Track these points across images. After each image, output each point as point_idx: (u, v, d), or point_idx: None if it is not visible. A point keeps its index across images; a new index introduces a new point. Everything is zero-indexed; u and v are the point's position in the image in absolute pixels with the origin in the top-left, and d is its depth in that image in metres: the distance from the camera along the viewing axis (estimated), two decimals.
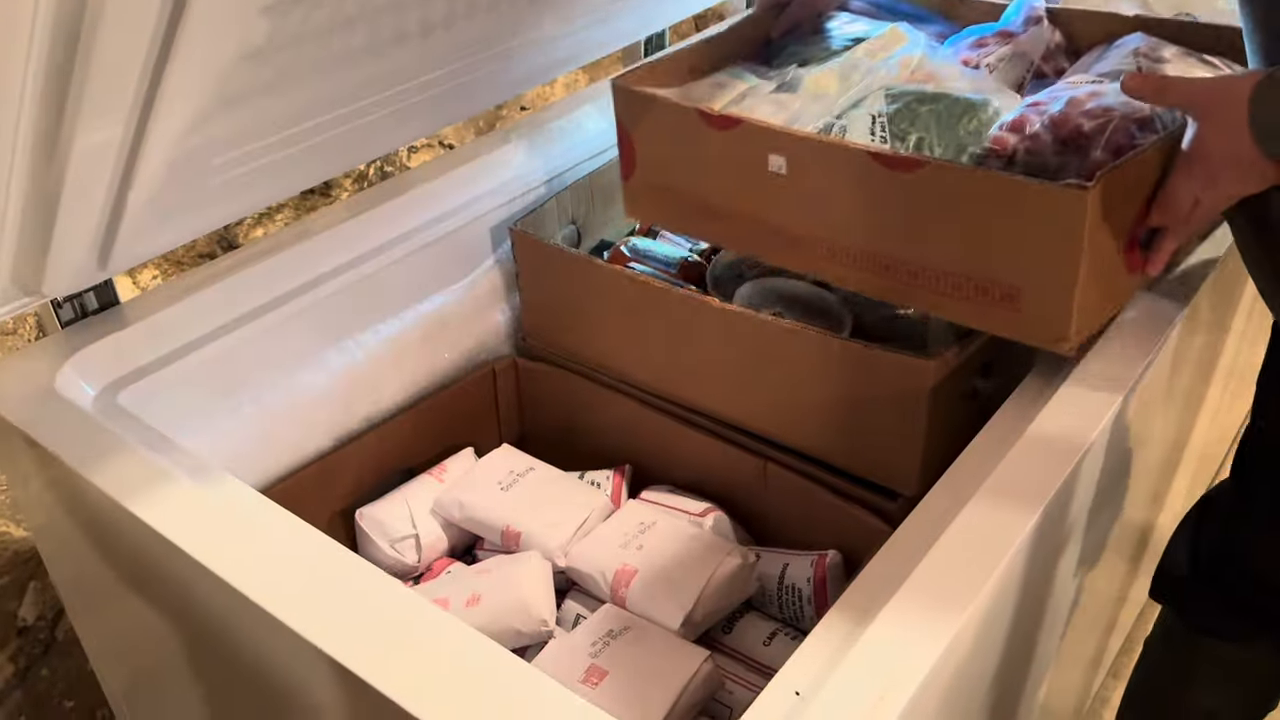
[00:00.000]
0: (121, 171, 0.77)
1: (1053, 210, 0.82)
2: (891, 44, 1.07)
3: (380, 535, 1.13)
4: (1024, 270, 0.86)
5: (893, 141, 0.96)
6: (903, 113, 0.98)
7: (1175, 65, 1.01)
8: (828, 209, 0.95)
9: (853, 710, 0.62)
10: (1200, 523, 1.05)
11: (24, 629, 1.37)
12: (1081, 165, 0.89)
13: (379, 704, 0.66)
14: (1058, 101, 0.94)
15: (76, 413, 0.91)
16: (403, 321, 1.19)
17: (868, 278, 0.95)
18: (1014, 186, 0.84)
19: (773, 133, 0.96)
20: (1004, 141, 0.93)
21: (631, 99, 1.05)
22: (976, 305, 0.89)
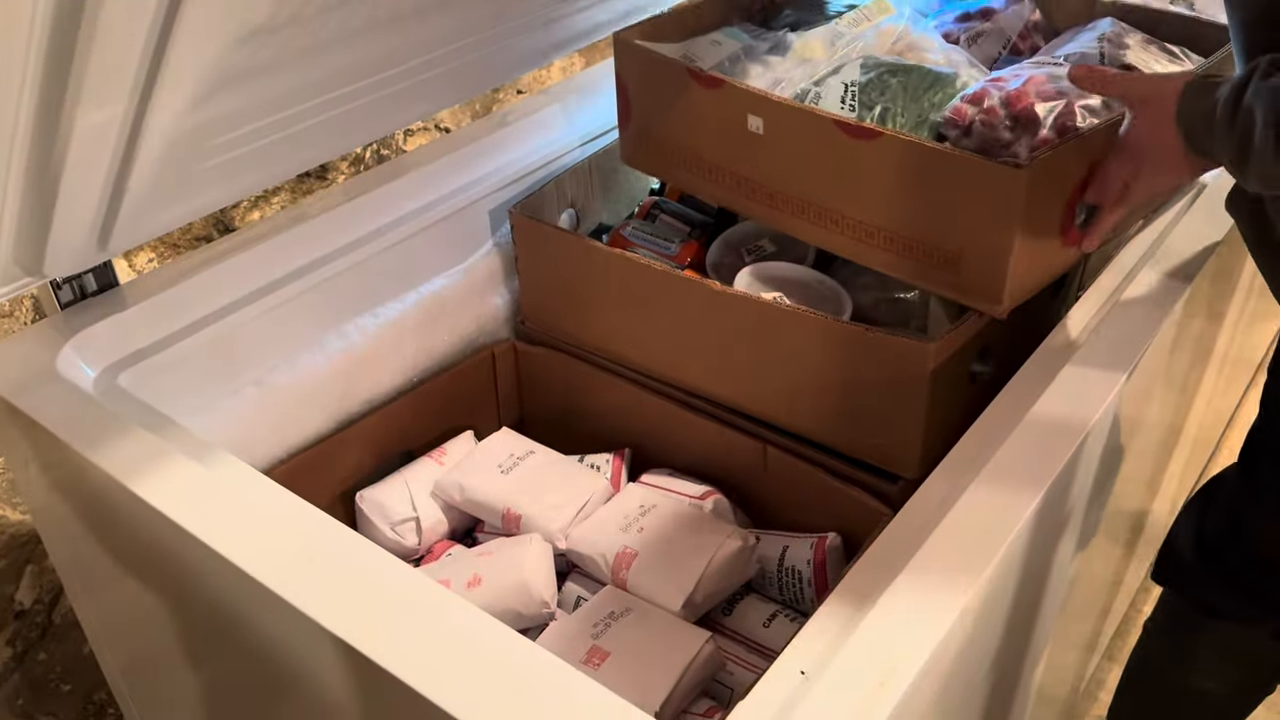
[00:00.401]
0: (122, 152, 0.76)
1: (992, 185, 0.89)
2: (876, 14, 1.13)
3: (380, 517, 1.13)
4: (965, 237, 0.93)
5: (860, 110, 1.01)
6: (874, 83, 1.02)
7: (1135, 53, 1.08)
8: (799, 169, 1.02)
9: (856, 691, 0.62)
10: (1206, 506, 1.06)
11: (21, 613, 1.37)
12: (1031, 141, 0.95)
13: (385, 682, 0.67)
14: (1017, 79, 0.99)
15: (77, 394, 0.91)
16: (402, 305, 1.19)
17: (830, 235, 1.03)
18: (958, 161, 0.91)
19: (751, 95, 1.02)
20: (962, 112, 0.98)
21: (630, 52, 1.12)
22: (923, 265, 0.97)
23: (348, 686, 0.75)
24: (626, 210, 1.36)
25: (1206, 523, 1.05)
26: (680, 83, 1.07)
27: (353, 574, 0.74)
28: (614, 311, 1.17)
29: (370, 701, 0.74)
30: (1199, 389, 1.36)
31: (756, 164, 1.05)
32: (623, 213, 1.36)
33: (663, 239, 1.23)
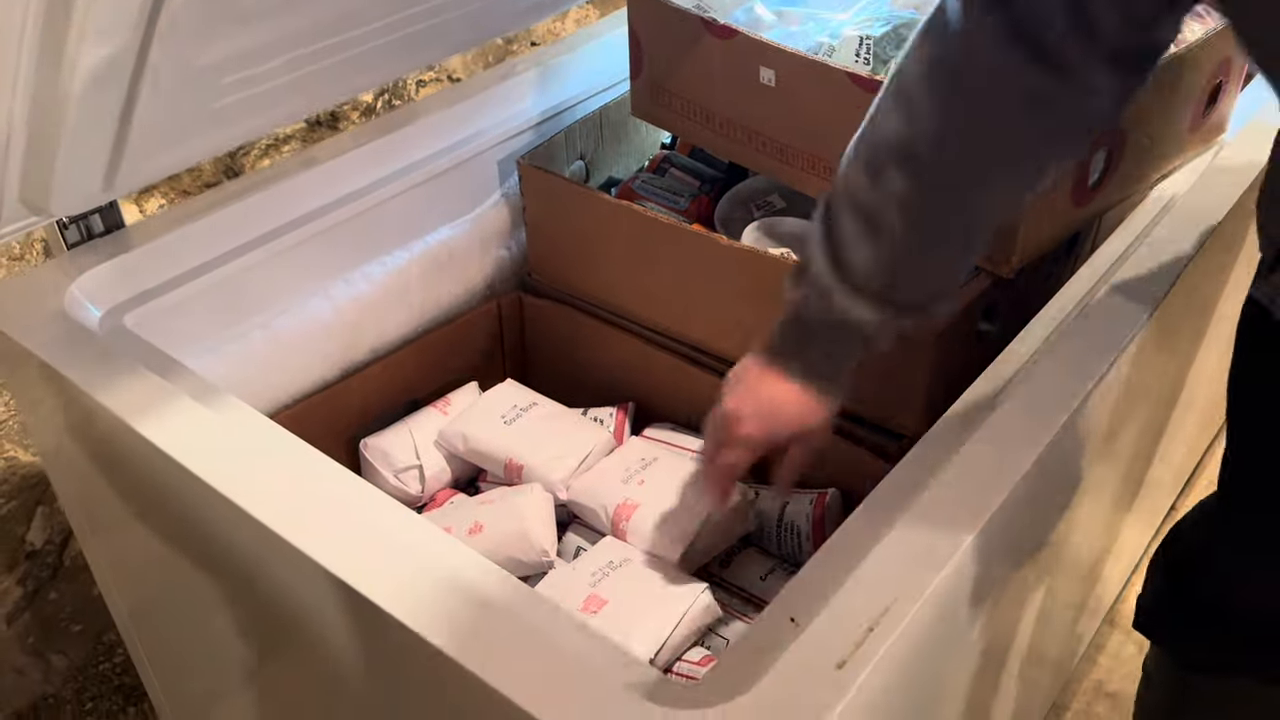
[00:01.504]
0: (126, 90, 0.76)
1: None
2: None
3: (384, 465, 1.14)
4: None
5: (875, 64, 1.00)
6: (889, 36, 1.01)
7: None
8: (810, 123, 1.01)
9: (845, 638, 0.62)
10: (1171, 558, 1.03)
11: (32, 553, 1.38)
12: None
13: (386, 624, 0.67)
14: None
15: (83, 334, 0.91)
16: (409, 254, 1.19)
17: None
18: None
19: (764, 46, 1.01)
20: None
21: (643, 1, 1.10)
22: None
23: (350, 629, 0.75)
24: (637, 164, 1.35)
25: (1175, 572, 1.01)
26: (693, 33, 1.06)
27: (356, 519, 0.75)
28: (620, 265, 1.17)
29: (371, 643, 0.75)
30: (1205, 352, 1.35)
31: (767, 118, 1.04)
32: (633, 166, 1.35)
33: (672, 193, 1.22)
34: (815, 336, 0.79)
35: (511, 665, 0.63)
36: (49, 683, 1.44)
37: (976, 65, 0.68)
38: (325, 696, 0.90)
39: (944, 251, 0.76)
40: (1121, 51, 0.67)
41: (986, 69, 0.67)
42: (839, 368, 0.81)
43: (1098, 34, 0.65)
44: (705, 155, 1.31)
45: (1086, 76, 0.67)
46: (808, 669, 0.60)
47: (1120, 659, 1.49)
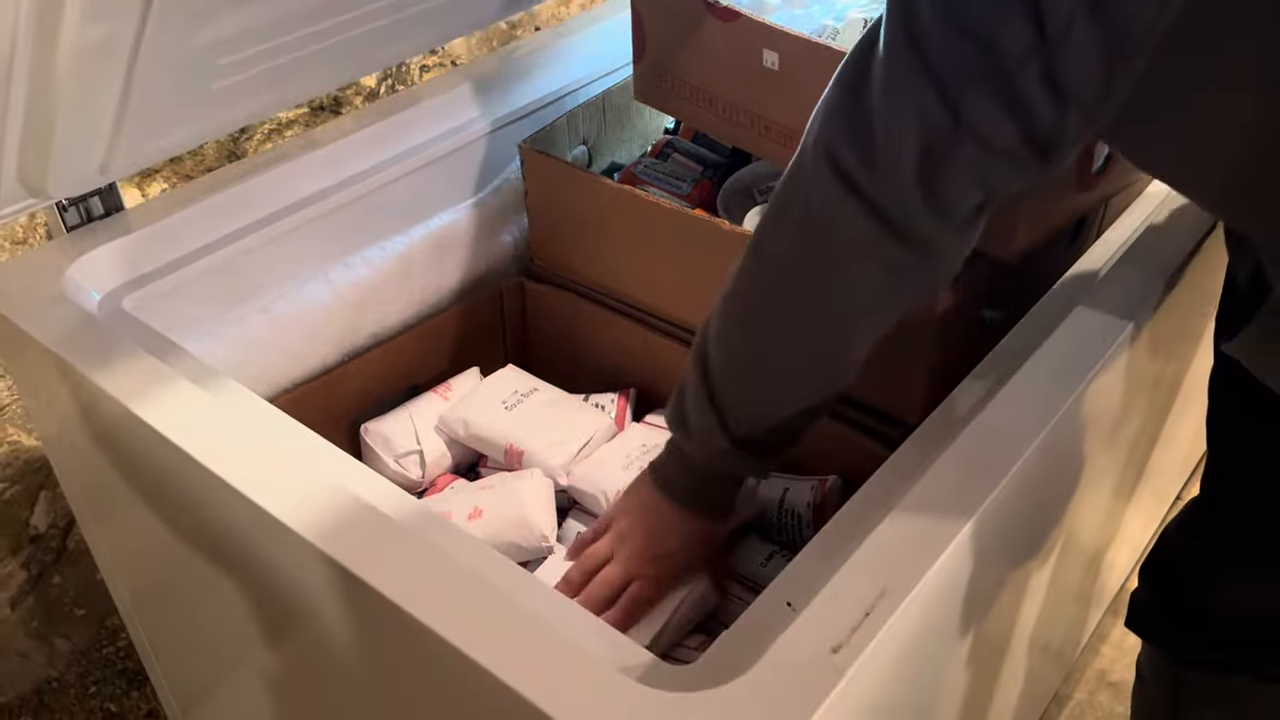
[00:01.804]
0: (124, 69, 0.76)
1: None
2: None
3: (385, 450, 1.14)
4: None
5: None
6: None
7: None
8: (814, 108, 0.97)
9: (841, 623, 0.62)
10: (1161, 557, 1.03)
11: (36, 537, 1.39)
12: None
13: (385, 610, 0.67)
14: None
15: (82, 317, 0.91)
16: (409, 239, 1.18)
17: None
18: None
19: (767, 29, 0.99)
20: None
21: None
22: None
23: (348, 613, 0.75)
24: (639, 148, 1.34)
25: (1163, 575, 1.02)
26: (695, 15, 1.05)
27: (356, 504, 0.74)
28: (623, 250, 1.16)
29: (369, 628, 0.75)
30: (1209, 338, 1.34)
31: (771, 102, 1.03)
32: (635, 151, 1.34)
33: (675, 178, 1.22)
34: (705, 477, 0.85)
35: (507, 650, 0.63)
36: (53, 666, 1.45)
37: (836, 234, 0.71)
38: (325, 680, 0.90)
39: (810, 396, 0.81)
40: (972, 220, 0.70)
41: (845, 239, 0.70)
42: (728, 499, 0.88)
43: (951, 214, 0.68)
44: (708, 140, 1.30)
45: (939, 246, 0.70)
46: (803, 654, 0.60)
47: (1123, 649, 1.48)
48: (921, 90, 0.62)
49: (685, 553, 0.88)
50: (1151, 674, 1.09)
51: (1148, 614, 1.04)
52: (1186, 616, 0.99)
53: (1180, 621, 1.00)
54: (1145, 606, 1.04)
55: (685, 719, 0.57)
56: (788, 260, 0.74)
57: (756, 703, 0.57)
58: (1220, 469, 0.94)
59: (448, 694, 0.72)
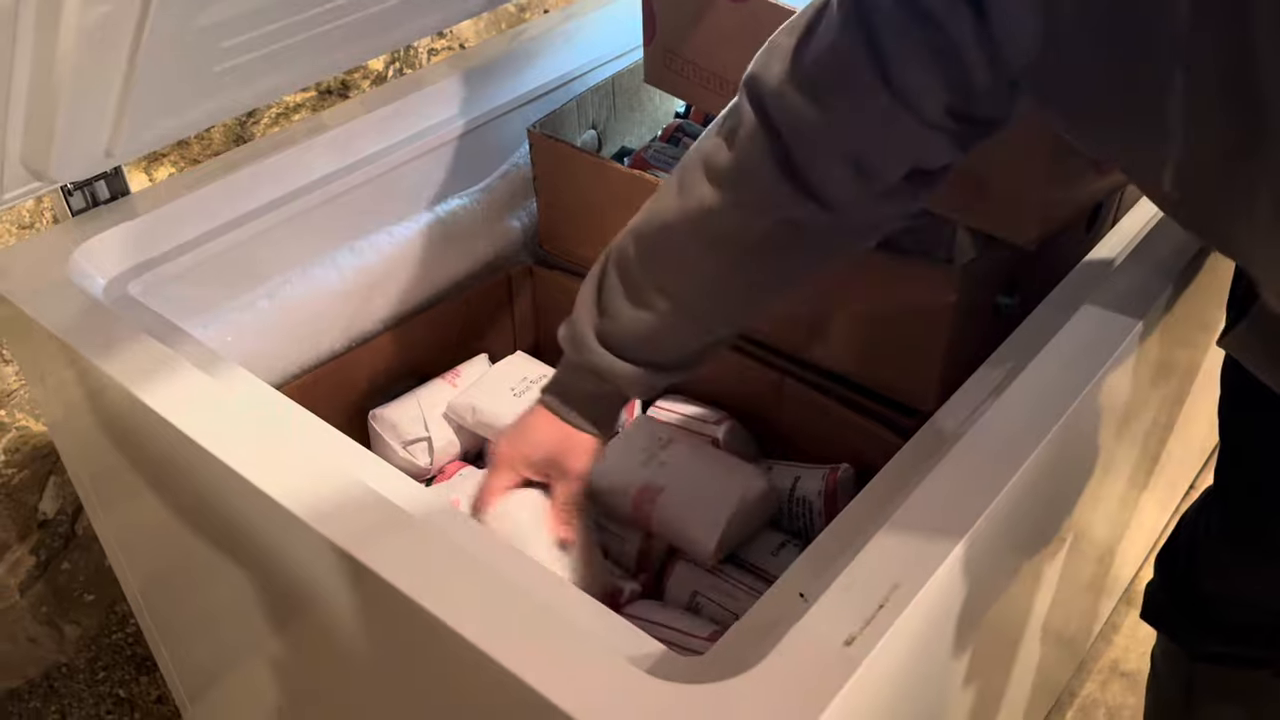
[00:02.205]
0: (128, 50, 0.75)
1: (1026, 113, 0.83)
2: None
3: (393, 437, 1.13)
4: (995, 165, 0.89)
5: None
6: None
7: None
8: None
9: (854, 614, 0.61)
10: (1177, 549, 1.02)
11: (44, 522, 1.39)
12: None
13: (392, 598, 0.66)
14: None
15: (88, 301, 0.90)
16: (417, 224, 1.17)
17: None
18: None
19: (780, 10, 0.97)
20: None
21: None
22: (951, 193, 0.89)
23: (356, 602, 0.75)
24: (650, 133, 1.33)
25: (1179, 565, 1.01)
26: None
27: (364, 492, 0.74)
28: None
29: (377, 616, 0.74)
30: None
31: None
32: (646, 135, 1.33)
33: None
34: (581, 381, 0.84)
35: (515, 640, 0.62)
36: (62, 652, 1.45)
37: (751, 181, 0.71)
38: (332, 667, 0.89)
39: (701, 333, 0.81)
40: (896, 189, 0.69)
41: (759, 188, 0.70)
42: (601, 410, 0.86)
43: (874, 180, 0.68)
44: None
45: (856, 212, 0.70)
46: (816, 645, 0.59)
47: (1136, 639, 1.47)
48: (863, 68, 0.62)
49: (537, 448, 0.86)
50: (1166, 666, 1.08)
51: (1162, 605, 1.03)
52: (1201, 608, 0.99)
53: (1195, 613, 0.99)
54: (1160, 597, 1.03)
55: (697, 711, 0.57)
56: (698, 183, 0.74)
57: (769, 694, 0.56)
58: (1232, 458, 0.94)
59: (454, 683, 0.72)
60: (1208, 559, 0.98)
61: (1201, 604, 0.99)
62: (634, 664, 0.61)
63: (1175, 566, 1.02)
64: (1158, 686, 1.12)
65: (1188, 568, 1.00)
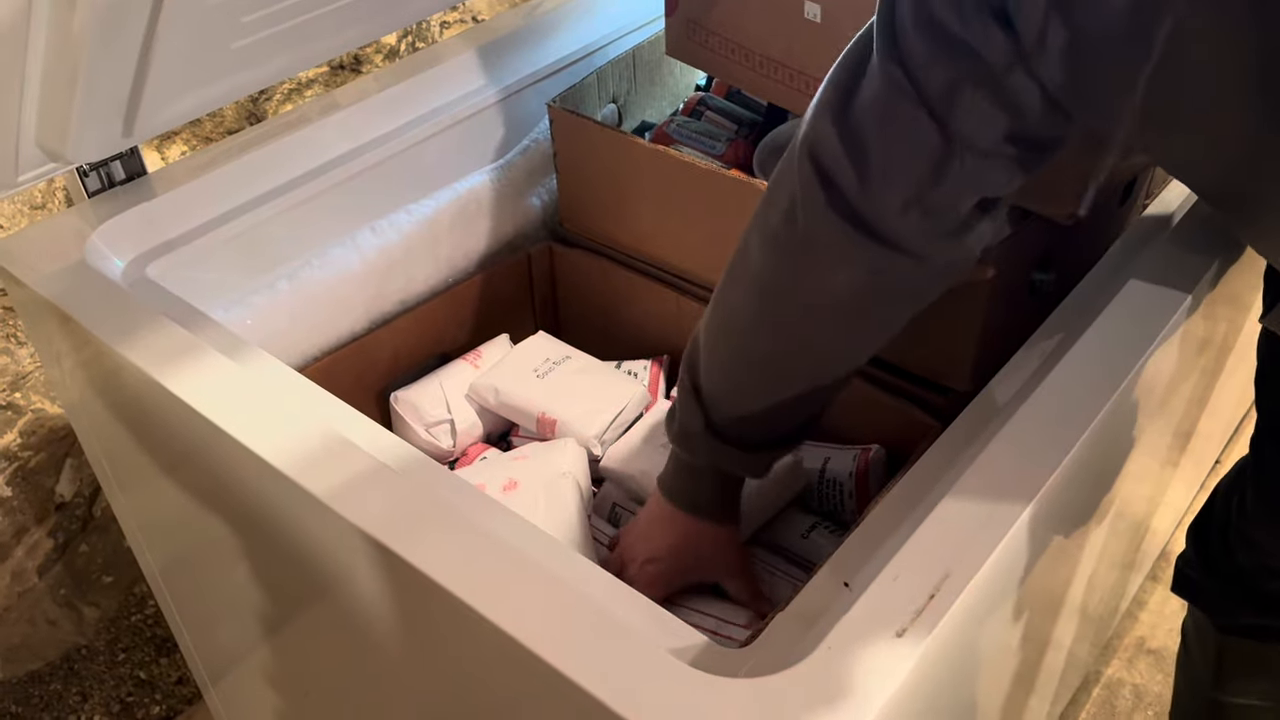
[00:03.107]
0: (144, 28, 0.73)
1: None
2: None
3: (415, 419, 1.12)
4: None
5: None
6: None
7: None
8: None
9: (905, 605, 0.59)
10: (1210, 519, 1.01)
11: (62, 505, 1.38)
12: None
13: (419, 584, 0.65)
14: None
15: (106, 284, 0.89)
16: (436, 202, 1.15)
17: None
18: None
19: None
20: None
21: None
22: None
23: (382, 587, 0.73)
24: (671, 106, 1.30)
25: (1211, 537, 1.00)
26: None
27: (388, 475, 0.72)
28: (655, 213, 1.13)
29: (403, 600, 0.73)
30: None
31: (812, 57, 0.99)
32: (666, 109, 1.30)
33: (708, 137, 1.18)
34: (705, 481, 0.85)
35: (553, 630, 0.61)
36: (81, 634, 1.45)
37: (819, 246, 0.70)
38: (360, 653, 0.88)
39: (802, 402, 0.80)
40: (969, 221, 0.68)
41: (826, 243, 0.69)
42: (730, 499, 0.87)
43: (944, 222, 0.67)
44: (742, 97, 1.26)
45: (935, 252, 0.69)
46: (866, 638, 0.57)
47: (1163, 615, 1.46)
48: (911, 110, 0.61)
49: (679, 555, 0.87)
50: (1196, 639, 1.07)
51: (1193, 577, 1.02)
52: (1233, 580, 0.98)
53: (1226, 585, 0.99)
54: (1191, 570, 1.02)
55: (745, 706, 0.55)
56: (771, 265, 0.73)
57: (820, 690, 0.55)
58: (1268, 430, 0.92)
59: (488, 673, 0.71)
60: (1241, 531, 0.97)
61: (1233, 576, 0.98)
62: (676, 656, 0.59)
63: (1208, 538, 1.01)
64: (1187, 660, 1.11)
65: (1221, 539, 0.99)
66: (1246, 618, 1.00)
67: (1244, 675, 1.05)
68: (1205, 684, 1.09)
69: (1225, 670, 1.05)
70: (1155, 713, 1.36)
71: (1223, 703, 1.07)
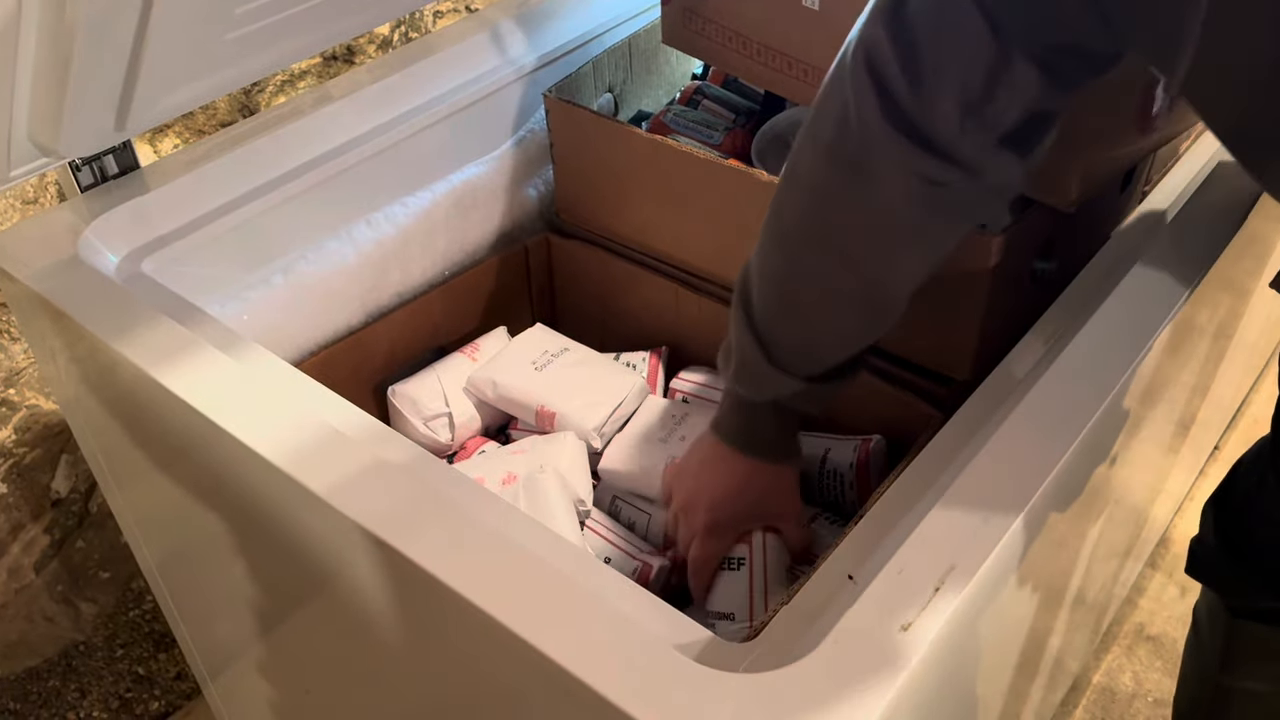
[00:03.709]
0: (138, 19, 0.72)
1: None
2: None
3: (413, 413, 1.11)
4: None
5: None
6: None
7: None
8: None
9: (909, 598, 0.59)
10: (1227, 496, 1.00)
11: (58, 501, 1.37)
12: None
13: (420, 579, 0.65)
14: None
15: (101, 280, 0.88)
16: (432, 194, 1.14)
17: None
18: None
19: None
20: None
21: None
22: None
23: (382, 583, 0.73)
24: (667, 95, 1.30)
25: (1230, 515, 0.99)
26: None
27: (386, 469, 0.72)
28: (653, 203, 1.12)
29: (404, 597, 0.72)
30: (1262, 288, 1.30)
31: (810, 44, 0.98)
32: (663, 98, 1.29)
33: (706, 126, 1.17)
34: (763, 418, 0.83)
35: (556, 626, 0.60)
36: (79, 630, 1.44)
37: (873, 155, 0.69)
38: (355, 646, 0.88)
39: (858, 324, 0.80)
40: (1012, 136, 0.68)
41: (882, 152, 0.69)
42: (790, 437, 0.85)
43: (994, 131, 0.67)
44: (739, 85, 1.25)
45: (981, 164, 0.68)
46: (870, 632, 0.57)
47: (1161, 602, 1.47)
48: (965, 11, 0.61)
49: (739, 498, 0.85)
50: (1209, 621, 1.06)
51: (1207, 557, 1.01)
52: (1249, 561, 0.97)
53: (1242, 567, 0.97)
54: (1205, 549, 1.01)
55: (751, 701, 0.55)
56: (824, 176, 0.72)
57: (825, 684, 0.55)
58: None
59: (491, 669, 0.70)
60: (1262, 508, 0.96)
61: (1252, 556, 0.97)
62: (682, 651, 0.59)
63: (1226, 516, 0.99)
64: (1197, 643, 1.11)
65: (1240, 518, 0.98)
66: (1262, 601, 0.99)
67: (1253, 660, 1.04)
68: (1212, 667, 1.08)
69: (1234, 654, 1.05)
70: (1155, 699, 1.36)
71: (1228, 687, 1.07)
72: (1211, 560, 1.00)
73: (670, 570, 0.97)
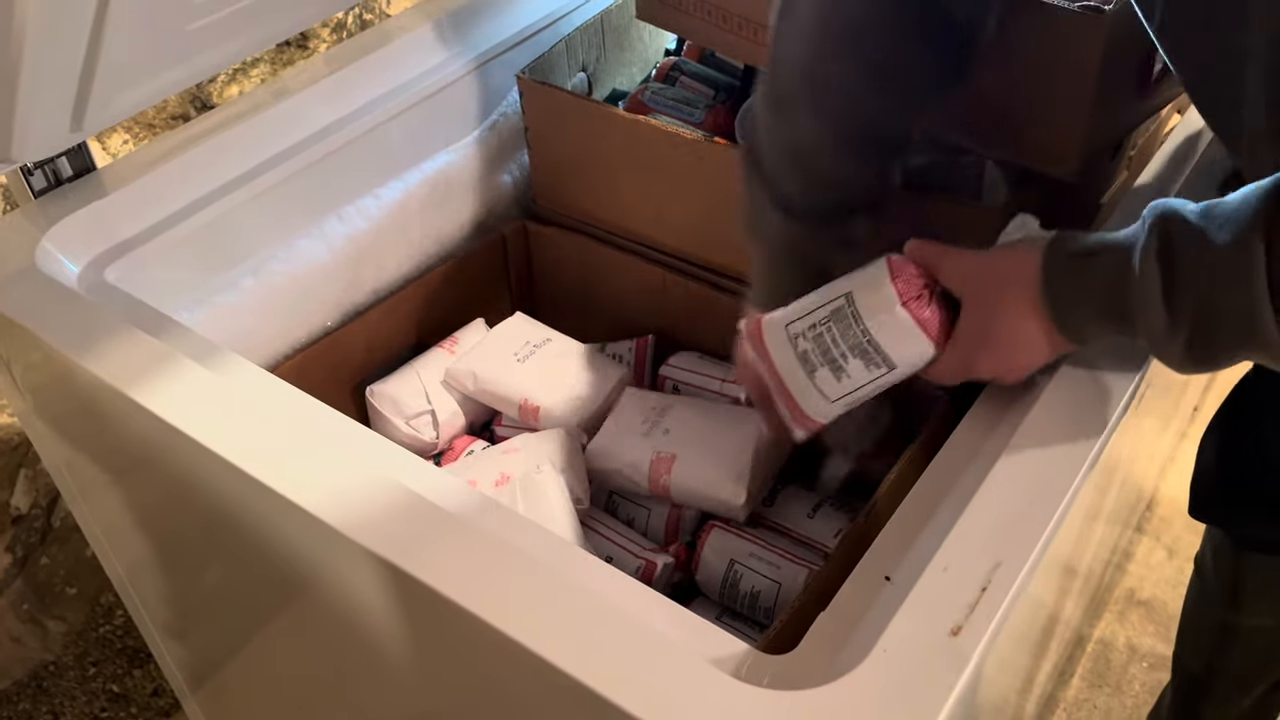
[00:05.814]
0: (94, 11, 0.66)
1: (1066, 35, 0.80)
2: None
3: (395, 412, 1.07)
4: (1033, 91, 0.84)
5: None
6: None
7: None
8: None
9: (955, 600, 0.56)
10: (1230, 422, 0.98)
11: (18, 517, 1.32)
12: None
13: (428, 599, 0.61)
14: None
15: (61, 291, 0.83)
16: (404, 185, 1.10)
17: None
18: (1032, 8, 0.81)
19: None
20: None
21: None
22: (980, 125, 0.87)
23: (374, 596, 0.69)
24: (641, 73, 1.26)
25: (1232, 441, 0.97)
26: None
27: (370, 476, 0.67)
28: (635, 185, 1.08)
29: (396, 607, 0.68)
30: None
31: None
32: (637, 76, 1.25)
33: (685, 104, 1.13)
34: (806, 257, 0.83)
35: (578, 641, 0.57)
36: (48, 649, 1.39)
37: None
38: (342, 657, 0.84)
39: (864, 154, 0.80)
40: None
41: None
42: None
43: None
44: (717, 60, 1.21)
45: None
46: (919, 638, 0.54)
47: (1150, 565, 1.47)
48: None
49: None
50: (1214, 562, 1.05)
51: (1209, 493, 0.99)
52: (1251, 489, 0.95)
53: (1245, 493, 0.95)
54: (1207, 485, 0.99)
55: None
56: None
57: (878, 700, 0.52)
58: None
59: (488, 673, 0.67)
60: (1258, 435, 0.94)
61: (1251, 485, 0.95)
62: (717, 666, 0.56)
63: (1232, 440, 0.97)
64: (1201, 586, 1.09)
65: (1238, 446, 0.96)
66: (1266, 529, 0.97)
67: (1260, 594, 1.03)
68: (1217, 604, 1.08)
69: (1242, 589, 1.04)
70: (1149, 664, 1.37)
71: (1233, 624, 1.06)
72: (1215, 494, 0.98)
73: (673, 568, 0.95)
